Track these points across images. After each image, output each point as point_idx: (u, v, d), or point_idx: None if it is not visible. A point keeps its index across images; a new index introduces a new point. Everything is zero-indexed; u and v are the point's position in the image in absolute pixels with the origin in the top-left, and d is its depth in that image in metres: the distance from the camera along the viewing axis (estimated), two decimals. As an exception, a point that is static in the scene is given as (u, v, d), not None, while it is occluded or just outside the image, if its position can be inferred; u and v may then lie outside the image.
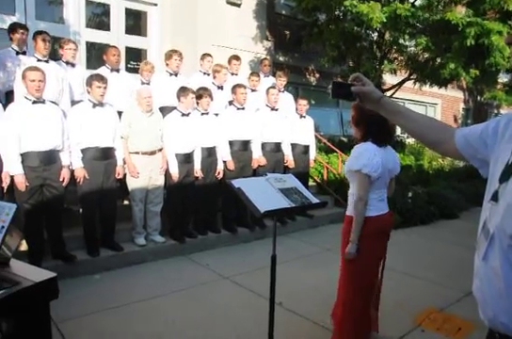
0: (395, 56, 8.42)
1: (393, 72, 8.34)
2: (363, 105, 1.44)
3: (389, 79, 9.29)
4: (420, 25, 7.25)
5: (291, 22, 9.18)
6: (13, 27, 4.74)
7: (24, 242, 3.84)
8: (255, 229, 5.45)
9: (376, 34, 8.10)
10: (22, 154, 3.72)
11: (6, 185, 3.76)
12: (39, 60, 4.43)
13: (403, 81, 8.71)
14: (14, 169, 3.68)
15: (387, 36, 7.79)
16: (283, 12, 9.17)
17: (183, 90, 4.69)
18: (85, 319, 3.20)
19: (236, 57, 6.10)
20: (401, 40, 7.52)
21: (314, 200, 2.75)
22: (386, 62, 8.05)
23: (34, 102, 3.76)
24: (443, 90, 9.81)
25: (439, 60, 7.55)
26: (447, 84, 8.22)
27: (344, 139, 10.00)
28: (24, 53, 4.74)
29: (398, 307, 3.49)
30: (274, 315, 2.58)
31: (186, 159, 4.73)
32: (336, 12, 7.58)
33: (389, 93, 8.74)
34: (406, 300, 3.65)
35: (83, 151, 4.13)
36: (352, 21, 7.23)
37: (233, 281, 4.08)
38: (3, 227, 2.22)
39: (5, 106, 3.88)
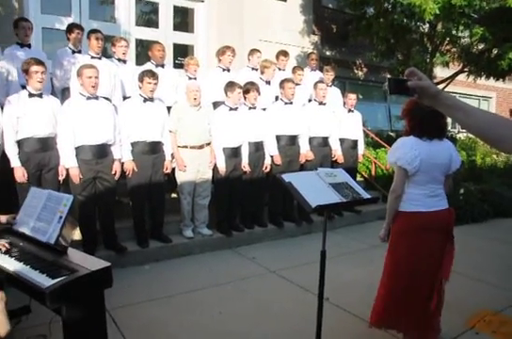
0: (448, 47, 8.12)
1: (446, 64, 8.04)
2: (421, 101, 1.39)
3: (439, 72, 8.98)
4: (475, 15, 6.94)
5: (338, 15, 9.04)
6: (70, 28, 4.96)
7: (78, 232, 4.00)
8: (301, 223, 5.42)
9: (428, 26, 7.83)
10: (76, 148, 3.88)
11: (62, 177, 3.94)
12: (92, 58, 4.59)
13: (455, 74, 8.38)
14: (69, 162, 3.85)
15: (439, 27, 7.52)
16: (330, 6, 9.04)
17: (230, 85, 4.72)
18: (135, 308, 3.29)
19: (284, 53, 6.07)
20: (454, 31, 7.23)
21: (366, 195, 2.70)
22: (438, 55, 7.77)
23: (88, 98, 3.90)
24: (499, 83, 9.37)
25: (495, 51, 7.20)
26: (505, 76, 7.83)
27: (392, 134, 9.76)
28: (79, 51, 4.94)
29: (449, 308, 3.34)
30: (322, 311, 2.56)
31: (234, 153, 4.76)
32: (385, 5, 7.39)
33: (440, 87, 8.43)
34: (457, 301, 3.49)
35: (132, 144, 4.24)
36: (402, 13, 7.03)
37: (280, 275, 4.08)
38: (61, 217, 2.33)
39: (61, 102, 4.06)
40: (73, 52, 4.91)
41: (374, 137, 7.67)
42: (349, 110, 5.95)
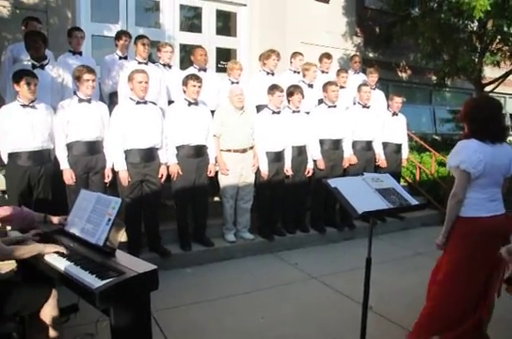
0: (498, 46, 7.78)
1: (496, 64, 7.72)
2: None
3: (489, 73, 8.63)
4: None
5: (381, 16, 8.88)
6: (118, 35, 5.13)
7: (123, 234, 4.09)
8: (344, 229, 5.34)
9: (477, 24, 7.55)
10: (125, 151, 3.97)
11: (108, 179, 4.04)
12: (139, 63, 4.70)
13: (506, 74, 8.02)
14: (119, 166, 3.95)
15: (489, 25, 7.22)
16: (373, 7, 8.88)
17: (271, 88, 4.72)
18: (178, 310, 3.33)
19: (328, 56, 6.02)
20: (506, 29, 6.92)
21: (413, 201, 2.63)
22: (487, 54, 7.47)
23: (137, 102, 3.99)
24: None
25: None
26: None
27: (437, 138, 9.49)
28: (125, 57, 5.08)
29: (500, 322, 3.18)
30: (367, 320, 2.50)
31: (277, 157, 4.74)
32: (431, 4, 7.19)
33: (489, 88, 8.12)
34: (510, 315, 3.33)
35: (177, 148, 4.29)
36: (449, 11, 6.81)
37: (322, 281, 4.02)
38: (109, 220, 2.38)
39: (108, 107, 4.18)
40: (120, 58, 5.06)
41: (418, 140, 7.46)
42: (394, 113, 5.81)
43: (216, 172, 4.62)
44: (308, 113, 5.14)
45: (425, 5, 7.20)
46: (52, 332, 2.33)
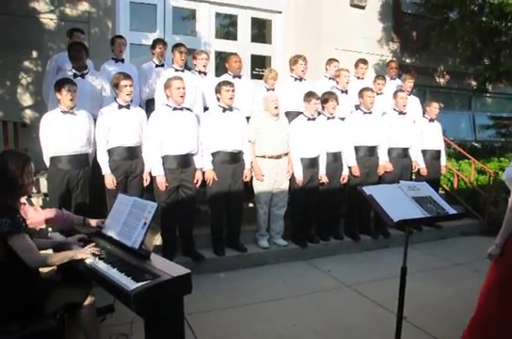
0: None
1: (541, 68, 7.42)
2: None
3: (533, 78, 8.32)
4: None
5: (418, 21, 8.72)
6: (154, 43, 5.27)
7: (159, 238, 4.16)
8: (378, 237, 5.25)
9: (520, 26, 7.29)
10: (162, 157, 4.05)
11: (146, 183, 4.14)
12: (176, 70, 4.79)
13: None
14: (156, 171, 4.03)
15: (534, 28, 6.97)
16: (409, 11, 8.75)
17: (307, 96, 4.72)
18: (210, 315, 3.34)
19: (364, 61, 5.97)
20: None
21: (451, 210, 2.56)
22: (532, 58, 7.20)
23: (174, 108, 4.07)
24: None
25: None
26: None
27: (477, 145, 9.20)
28: (162, 65, 5.20)
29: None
30: (401, 331, 2.45)
31: (311, 164, 4.73)
32: (471, 7, 7.00)
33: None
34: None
35: (213, 154, 4.34)
36: (491, 14, 6.61)
37: (355, 289, 3.96)
38: (145, 223, 2.43)
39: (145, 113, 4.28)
40: (157, 66, 5.18)
41: (456, 147, 7.27)
42: (430, 120, 5.69)
43: (251, 178, 4.64)
44: (342, 119, 5.11)
45: (465, 8, 7.02)
46: (89, 331, 2.40)
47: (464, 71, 8.56)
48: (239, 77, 5.20)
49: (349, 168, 5.02)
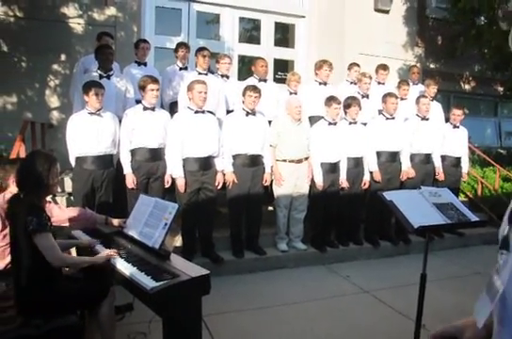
0: None
1: None
2: None
3: None
4: None
5: (443, 26, 8.61)
6: (177, 47, 5.36)
7: (179, 239, 4.21)
8: (399, 243, 5.19)
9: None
10: (183, 160, 4.10)
11: (167, 185, 4.19)
12: (199, 74, 4.85)
13: None
14: (176, 172, 4.08)
15: None
16: (434, 16, 8.65)
17: (328, 100, 4.72)
18: (228, 316, 3.36)
19: (384, 67, 5.93)
20: None
21: (473, 217, 2.53)
22: None
23: (196, 111, 4.12)
24: None
25: None
26: None
27: (503, 152, 9.01)
28: (185, 68, 5.27)
29: None
30: (419, 338, 2.42)
31: (332, 169, 4.71)
32: (499, 11, 6.89)
33: None
34: None
35: (233, 157, 4.38)
36: (519, 18, 6.48)
37: (374, 295, 3.93)
38: (166, 224, 2.47)
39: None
40: (181, 69, 5.26)
41: (481, 154, 7.13)
42: (454, 126, 5.61)
43: (272, 182, 4.65)
44: (365, 124, 5.09)
45: (493, 13, 6.91)
46: (105, 328, 2.45)
47: (490, 76, 8.42)
48: (265, 81, 5.24)
49: (371, 173, 4.99)
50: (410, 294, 2.37)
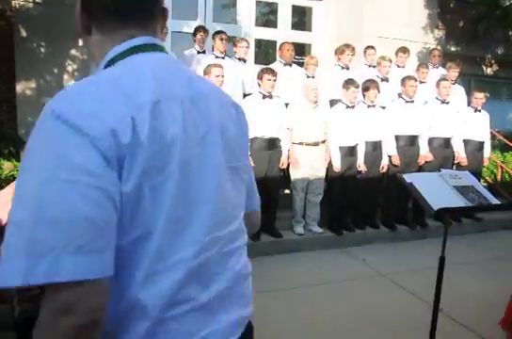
0: None
1: None
2: None
3: None
4: None
5: (465, 7, 8.38)
6: (195, 30, 5.33)
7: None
8: (416, 227, 5.18)
9: None
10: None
11: None
12: (216, 57, 4.85)
13: None
14: None
15: None
16: (457, -3, 8.43)
17: (345, 83, 4.68)
18: (246, 298, 3.42)
19: (404, 50, 5.84)
20: None
21: (495, 200, 2.49)
22: None
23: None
24: None
25: None
26: None
27: (524, 136, 8.83)
28: (203, 52, 5.26)
29: None
30: (437, 322, 2.42)
31: (350, 152, 4.70)
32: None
33: None
34: None
35: (250, 140, 4.39)
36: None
37: (390, 279, 3.94)
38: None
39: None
40: (198, 52, 5.25)
41: (502, 138, 7.01)
42: (476, 110, 5.51)
43: (288, 165, 4.66)
44: (383, 108, 5.03)
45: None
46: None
47: (514, 59, 8.22)
48: (289, 65, 5.21)
49: (389, 157, 4.96)
50: (427, 278, 2.37)
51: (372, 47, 5.75)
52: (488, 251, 4.78)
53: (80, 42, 6.10)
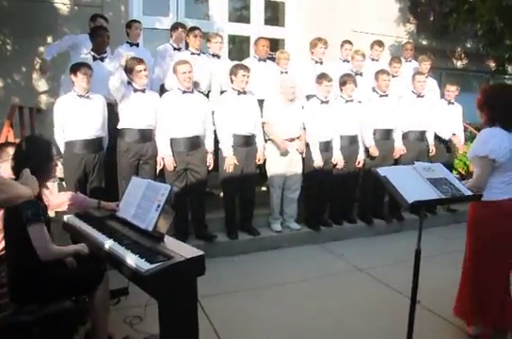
0: None
1: None
2: None
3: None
4: None
5: (435, 1, 8.48)
6: (175, 26, 5.19)
7: (173, 220, 4.19)
8: (392, 221, 5.23)
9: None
10: (170, 140, 4.08)
11: (160, 167, 4.16)
12: (192, 54, 4.77)
13: None
14: (163, 152, 4.08)
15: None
16: (426, -9, 8.51)
17: (319, 78, 4.66)
18: (223, 297, 3.37)
19: (379, 43, 5.84)
20: None
21: (467, 192, 2.51)
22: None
23: (184, 92, 4.07)
24: None
25: None
26: None
27: (495, 128, 9.00)
28: (179, 49, 5.14)
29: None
30: (414, 314, 2.44)
31: (325, 147, 4.68)
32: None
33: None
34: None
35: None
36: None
37: (368, 273, 3.96)
38: (159, 206, 2.44)
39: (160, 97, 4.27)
40: (174, 49, 5.13)
41: (473, 130, 7.12)
42: (449, 102, 5.58)
43: (264, 161, 4.62)
44: (360, 102, 5.04)
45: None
46: (101, 313, 2.44)
47: (483, 52, 8.35)
48: (264, 61, 5.17)
49: (367, 148, 4.97)
50: (404, 271, 2.39)
51: (349, 42, 5.72)
52: (462, 242, 4.83)
53: (49, 39, 5.94)
